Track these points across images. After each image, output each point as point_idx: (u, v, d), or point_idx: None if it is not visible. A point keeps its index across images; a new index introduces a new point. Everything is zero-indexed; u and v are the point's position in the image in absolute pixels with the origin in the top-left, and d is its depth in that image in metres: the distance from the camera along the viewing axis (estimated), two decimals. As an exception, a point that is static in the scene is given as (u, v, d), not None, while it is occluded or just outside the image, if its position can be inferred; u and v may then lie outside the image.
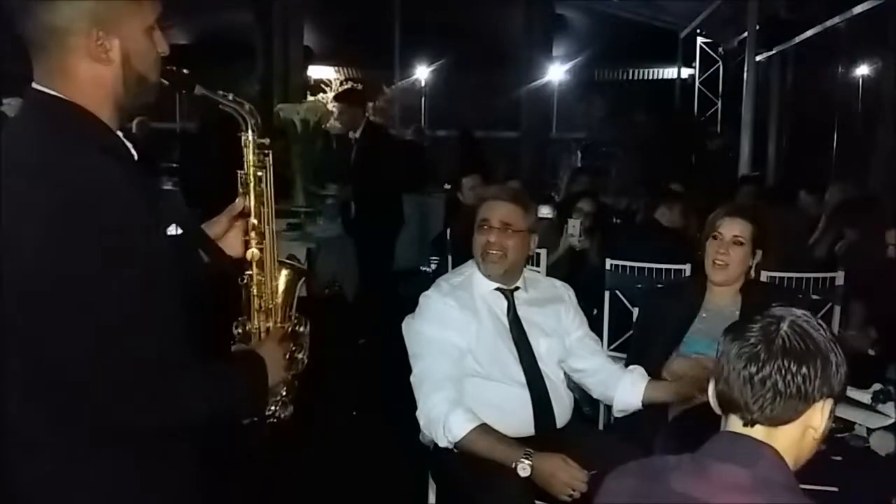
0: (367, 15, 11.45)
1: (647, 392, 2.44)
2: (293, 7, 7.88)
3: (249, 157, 1.63)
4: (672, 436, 2.17)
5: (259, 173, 1.63)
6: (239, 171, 1.64)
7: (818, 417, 1.24)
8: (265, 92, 7.75)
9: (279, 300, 1.68)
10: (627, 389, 2.48)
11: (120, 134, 1.38)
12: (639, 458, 1.39)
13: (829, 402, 1.24)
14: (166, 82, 1.44)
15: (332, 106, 5.51)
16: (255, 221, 1.64)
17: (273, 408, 1.64)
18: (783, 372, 1.21)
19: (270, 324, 1.66)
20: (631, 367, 2.55)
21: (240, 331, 1.66)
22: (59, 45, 1.27)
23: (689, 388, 2.33)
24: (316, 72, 11.74)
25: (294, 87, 7.75)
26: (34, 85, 1.30)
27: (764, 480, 1.20)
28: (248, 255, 1.65)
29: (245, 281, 1.65)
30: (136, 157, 1.41)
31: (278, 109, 5.36)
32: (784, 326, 1.24)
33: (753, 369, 1.22)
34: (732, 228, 2.61)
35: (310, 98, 7.78)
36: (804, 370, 1.21)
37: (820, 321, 1.27)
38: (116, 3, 1.29)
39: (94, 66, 1.29)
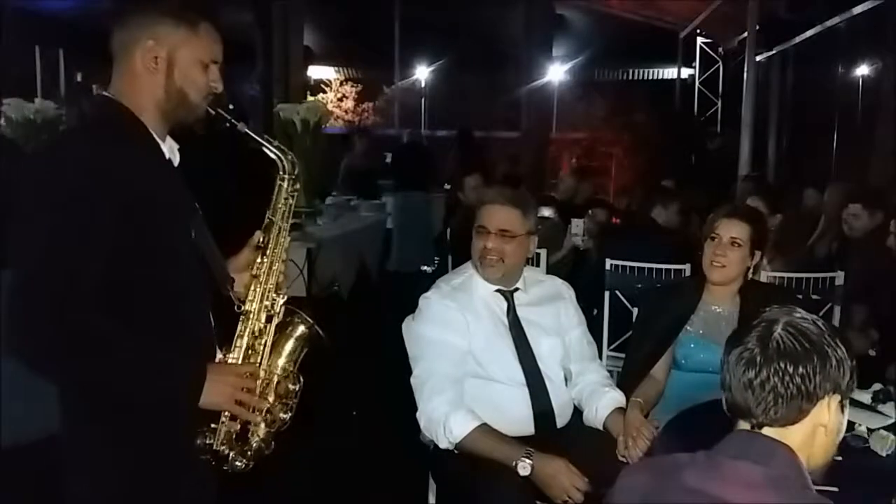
0: (367, 15, 11.45)
1: (608, 421, 2.40)
2: (293, 7, 7.87)
3: (279, 202, 1.75)
4: (671, 436, 2.17)
5: (283, 215, 1.75)
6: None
7: (825, 414, 1.25)
8: (265, 92, 7.74)
9: (267, 343, 1.71)
10: (593, 413, 2.44)
11: (156, 135, 1.62)
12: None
13: (835, 398, 1.25)
14: (212, 112, 1.67)
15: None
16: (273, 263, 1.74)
17: (211, 440, 1.63)
18: (780, 374, 1.22)
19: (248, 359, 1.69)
20: (610, 389, 2.49)
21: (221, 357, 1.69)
22: (123, 54, 1.61)
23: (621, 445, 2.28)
24: (316, 72, 11.76)
25: (294, 87, 7.74)
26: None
27: (778, 478, 1.20)
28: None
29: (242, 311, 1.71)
30: (167, 156, 1.65)
31: (278, 109, 5.33)
32: (778, 329, 1.25)
33: (752, 374, 1.24)
34: (730, 230, 2.60)
35: (310, 98, 7.78)
36: (801, 370, 1.22)
37: (817, 319, 1.27)
38: (172, 23, 1.60)
39: (144, 72, 1.60)
